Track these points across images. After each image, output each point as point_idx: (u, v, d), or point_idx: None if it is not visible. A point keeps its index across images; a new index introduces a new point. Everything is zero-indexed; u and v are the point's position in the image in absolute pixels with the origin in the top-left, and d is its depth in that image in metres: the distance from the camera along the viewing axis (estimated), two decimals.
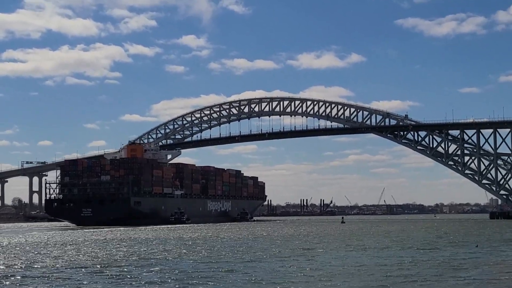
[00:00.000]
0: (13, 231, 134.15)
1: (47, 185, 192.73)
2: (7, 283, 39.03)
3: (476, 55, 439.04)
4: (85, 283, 38.33)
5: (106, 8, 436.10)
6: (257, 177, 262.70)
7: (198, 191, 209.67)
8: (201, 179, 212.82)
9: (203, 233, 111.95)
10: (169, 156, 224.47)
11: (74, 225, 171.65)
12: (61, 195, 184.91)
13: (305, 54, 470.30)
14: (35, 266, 48.98)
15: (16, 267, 48.64)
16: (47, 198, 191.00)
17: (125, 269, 45.46)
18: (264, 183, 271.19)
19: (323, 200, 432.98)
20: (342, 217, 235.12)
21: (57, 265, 49.18)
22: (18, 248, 71.20)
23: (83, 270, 45.42)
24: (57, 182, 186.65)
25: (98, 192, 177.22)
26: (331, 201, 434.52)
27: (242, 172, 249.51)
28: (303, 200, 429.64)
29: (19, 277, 41.52)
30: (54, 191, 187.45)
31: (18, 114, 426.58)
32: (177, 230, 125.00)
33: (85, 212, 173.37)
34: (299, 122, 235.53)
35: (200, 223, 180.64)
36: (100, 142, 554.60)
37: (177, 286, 36.75)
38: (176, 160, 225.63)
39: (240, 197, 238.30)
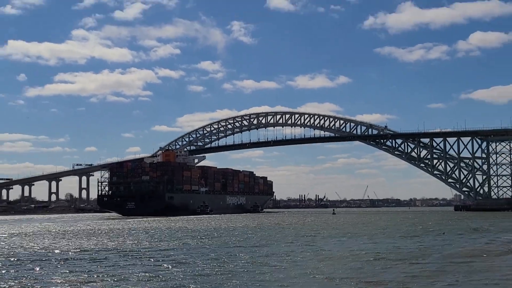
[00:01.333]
0: (77, 220, 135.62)
1: (99, 183, 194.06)
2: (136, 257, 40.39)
3: (441, 77, 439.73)
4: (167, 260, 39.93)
5: (138, 39, 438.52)
6: (266, 177, 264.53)
7: (219, 188, 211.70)
8: (221, 178, 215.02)
9: (232, 223, 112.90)
10: (196, 160, 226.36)
11: (120, 215, 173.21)
12: (110, 192, 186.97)
13: (301, 76, 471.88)
14: (141, 245, 50.86)
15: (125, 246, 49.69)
16: (99, 193, 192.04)
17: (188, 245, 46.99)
18: (272, 181, 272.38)
19: (318, 195, 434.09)
20: (333, 209, 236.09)
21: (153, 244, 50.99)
22: (112, 233, 73.12)
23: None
24: (107, 181, 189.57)
25: (140, 189, 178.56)
26: (324, 196, 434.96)
27: (254, 172, 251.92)
28: (302, 195, 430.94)
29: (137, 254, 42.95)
30: (104, 188, 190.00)
31: (69, 126, 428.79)
32: (210, 220, 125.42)
33: (129, 205, 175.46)
34: (298, 132, 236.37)
35: (221, 214, 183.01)
36: (136, 148, 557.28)
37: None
38: (202, 163, 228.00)
39: (253, 193, 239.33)
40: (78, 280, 30.63)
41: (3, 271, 34.70)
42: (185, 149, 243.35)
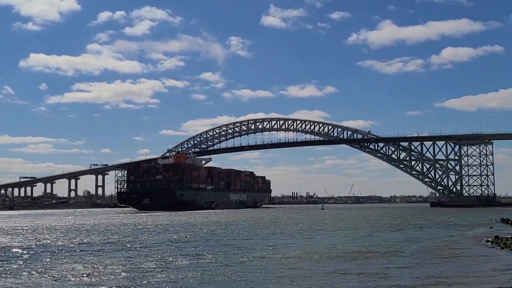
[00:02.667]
0: (98, 213, 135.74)
1: (118, 182, 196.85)
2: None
3: (417, 87, 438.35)
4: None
5: (147, 52, 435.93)
6: (264, 176, 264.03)
7: (223, 186, 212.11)
8: (225, 178, 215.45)
9: (238, 216, 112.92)
10: (203, 162, 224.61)
11: (136, 209, 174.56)
12: (127, 189, 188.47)
13: (293, 86, 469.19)
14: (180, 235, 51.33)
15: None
16: (118, 191, 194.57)
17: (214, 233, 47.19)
18: (269, 180, 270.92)
19: (308, 193, 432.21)
20: (322, 205, 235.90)
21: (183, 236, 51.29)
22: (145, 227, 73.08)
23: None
24: (124, 179, 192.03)
25: (154, 187, 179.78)
26: (314, 193, 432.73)
27: (254, 172, 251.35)
28: (294, 192, 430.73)
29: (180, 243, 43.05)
30: (123, 186, 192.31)
31: (86, 130, 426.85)
32: (218, 215, 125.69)
33: (144, 201, 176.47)
34: (291, 136, 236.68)
35: (225, 209, 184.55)
36: (146, 150, 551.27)
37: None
38: (208, 164, 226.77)
39: (253, 190, 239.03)
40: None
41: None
42: (190, 151, 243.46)
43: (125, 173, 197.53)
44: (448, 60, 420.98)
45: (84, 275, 27.08)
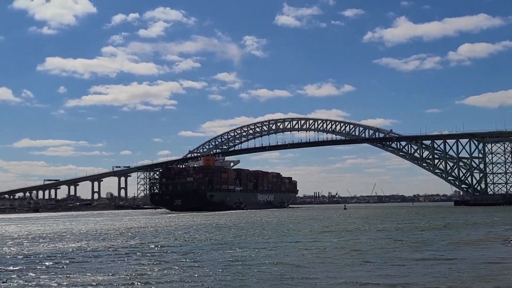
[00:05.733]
0: (134, 214, 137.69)
1: (152, 184, 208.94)
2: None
3: (436, 85, 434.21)
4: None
5: (162, 54, 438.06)
6: (291, 177, 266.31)
7: (251, 187, 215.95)
8: (253, 179, 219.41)
9: (277, 217, 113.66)
10: (231, 164, 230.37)
11: (169, 210, 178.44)
12: (160, 191, 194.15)
13: (309, 85, 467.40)
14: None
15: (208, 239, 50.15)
16: (152, 192, 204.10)
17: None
18: (296, 181, 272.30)
19: (330, 192, 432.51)
20: (344, 205, 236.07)
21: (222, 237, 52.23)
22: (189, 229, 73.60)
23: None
24: (157, 182, 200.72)
25: (185, 188, 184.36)
26: (336, 193, 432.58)
27: (280, 174, 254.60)
28: (316, 192, 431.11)
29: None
30: (153, 187, 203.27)
31: (106, 132, 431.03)
32: (250, 216, 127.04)
33: (176, 202, 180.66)
34: (311, 135, 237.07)
35: (253, 209, 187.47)
36: (165, 151, 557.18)
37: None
38: (236, 166, 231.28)
39: (279, 191, 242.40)
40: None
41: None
42: (211, 152, 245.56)
43: (148, 174, 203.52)
44: (466, 56, 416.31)
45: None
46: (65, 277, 27.03)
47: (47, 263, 32.59)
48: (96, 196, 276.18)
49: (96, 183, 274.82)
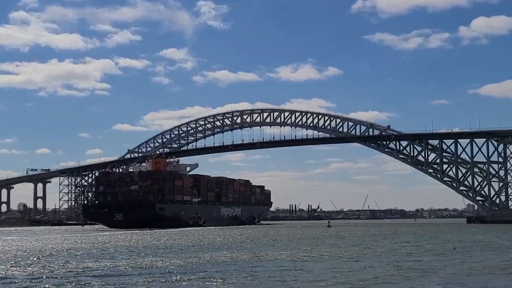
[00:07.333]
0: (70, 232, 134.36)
1: (84, 193, 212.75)
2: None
3: (444, 70, 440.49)
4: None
5: (89, 23, 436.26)
6: (263, 186, 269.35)
7: (212, 198, 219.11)
8: (215, 188, 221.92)
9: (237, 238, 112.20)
10: (187, 168, 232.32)
11: (107, 227, 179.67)
12: (96, 202, 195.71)
13: (283, 67, 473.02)
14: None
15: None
16: (84, 204, 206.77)
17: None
18: (270, 191, 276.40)
19: (311, 206, 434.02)
20: (329, 221, 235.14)
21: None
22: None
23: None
24: (93, 191, 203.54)
25: (128, 199, 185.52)
26: (318, 206, 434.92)
27: (250, 181, 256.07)
28: (292, 205, 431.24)
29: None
30: (88, 197, 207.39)
31: (17, 124, 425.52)
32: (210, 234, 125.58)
33: (117, 216, 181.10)
34: (286, 131, 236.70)
35: (214, 226, 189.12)
36: (96, 150, 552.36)
37: None
38: (194, 172, 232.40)
39: (249, 203, 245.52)
40: None
41: None
42: (157, 152, 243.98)
43: (74, 180, 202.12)
44: (481, 33, 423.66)
45: None
46: None
47: None
48: (4, 208, 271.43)
49: (4, 191, 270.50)
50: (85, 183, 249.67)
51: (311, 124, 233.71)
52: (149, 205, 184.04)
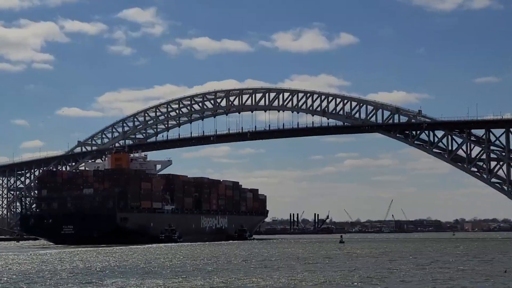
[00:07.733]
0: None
1: (20, 199, 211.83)
2: None
3: (491, 38, 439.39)
4: None
5: None
6: (257, 189, 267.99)
7: (190, 206, 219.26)
8: (194, 192, 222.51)
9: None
10: (158, 166, 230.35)
11: (52, 243, 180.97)
12: (37, 210, 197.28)
13: (282, 33, 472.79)
14: None
15: None
16: (23, 213, 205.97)
17: None
18: (265, 196, 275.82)
19: (318, 215, 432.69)
20: (341, 236, 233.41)
21: None
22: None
23: None
24: (33, 195, 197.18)
25: (81, 207, 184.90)
26: (327, 216, 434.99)
27: (239, 183, 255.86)
28: (293, 214, 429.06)
29: None
30: (27, 204, 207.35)
31: None
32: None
33: (66, 229, 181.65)
34: (286, 118, 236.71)
35: (193, 242, 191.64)
36: (35, 142, 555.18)
37: None
38: (166, 170, 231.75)
39: (238, 212, 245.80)
40: None
41: None
42: (117, 144, 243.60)
43: (7, 182, 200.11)
44: None
45: None
46: None
47: None
48: None
49: None
50: (22, 185, 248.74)
51: (318, 109, 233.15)
52: (107, 214, 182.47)
